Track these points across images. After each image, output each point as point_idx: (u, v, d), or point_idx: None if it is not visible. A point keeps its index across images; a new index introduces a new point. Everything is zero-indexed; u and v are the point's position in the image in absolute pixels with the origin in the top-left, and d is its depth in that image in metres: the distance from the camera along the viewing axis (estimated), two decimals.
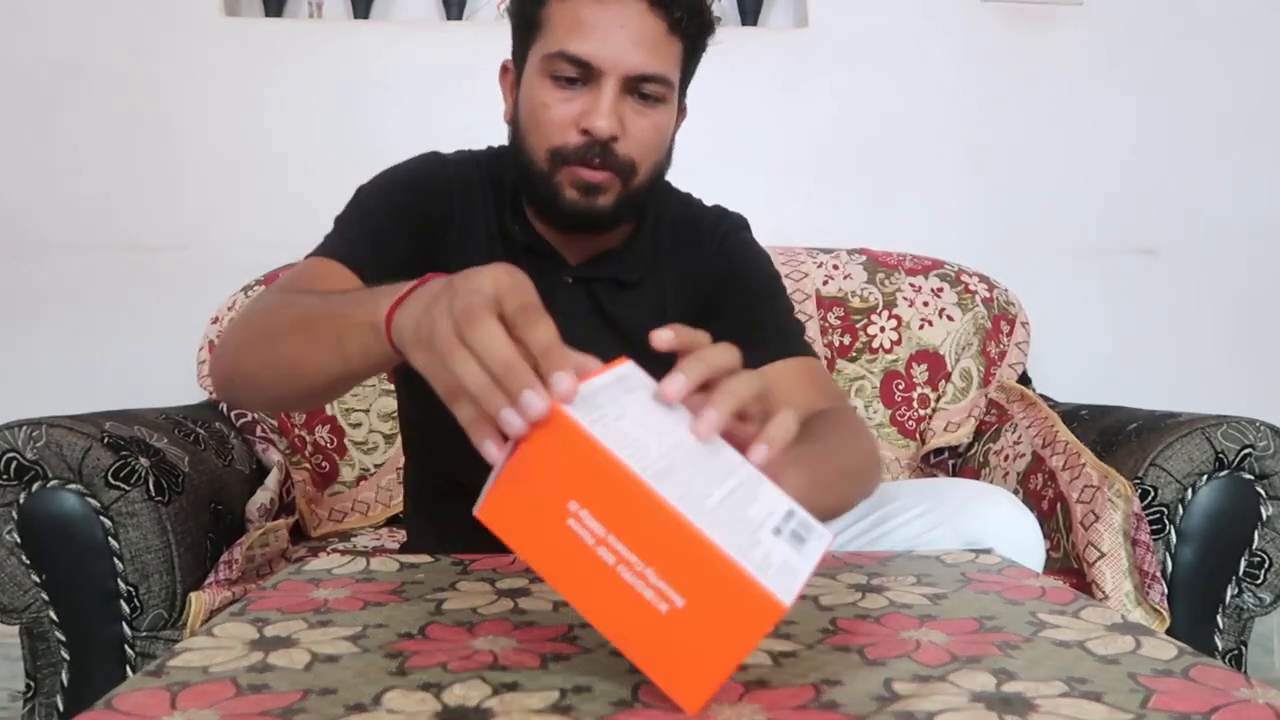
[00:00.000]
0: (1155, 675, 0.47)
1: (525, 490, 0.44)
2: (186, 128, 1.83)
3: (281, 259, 1.64)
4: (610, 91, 0.84)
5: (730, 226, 1.02)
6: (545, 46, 0.85)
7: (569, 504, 0.43)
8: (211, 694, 0.45)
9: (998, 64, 1.97)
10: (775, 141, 1.93)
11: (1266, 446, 1.18)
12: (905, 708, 0.43)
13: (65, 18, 1.81)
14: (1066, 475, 1.26)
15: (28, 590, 1.08)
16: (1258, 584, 1.20)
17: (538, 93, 0.86)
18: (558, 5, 0.85)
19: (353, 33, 1.87)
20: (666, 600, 0.43)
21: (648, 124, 0.87)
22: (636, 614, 0.43)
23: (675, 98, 0.90)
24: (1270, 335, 2.01)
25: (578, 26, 0.83)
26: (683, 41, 0.87)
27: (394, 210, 0.91)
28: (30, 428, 1.07)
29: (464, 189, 0.95)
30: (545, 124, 0.86)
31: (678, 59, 0.88)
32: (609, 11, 0.83)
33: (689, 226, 1.01)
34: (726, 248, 1.00)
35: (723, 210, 1.05)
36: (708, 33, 0.90)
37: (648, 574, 0.43)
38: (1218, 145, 2.00)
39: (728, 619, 0.42)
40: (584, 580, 0.43)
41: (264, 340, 0.73)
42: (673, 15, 0.84)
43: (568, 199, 0.87)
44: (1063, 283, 1.96)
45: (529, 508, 0.44)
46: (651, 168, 0.90)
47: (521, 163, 0.90)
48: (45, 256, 1.81)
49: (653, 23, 0.84)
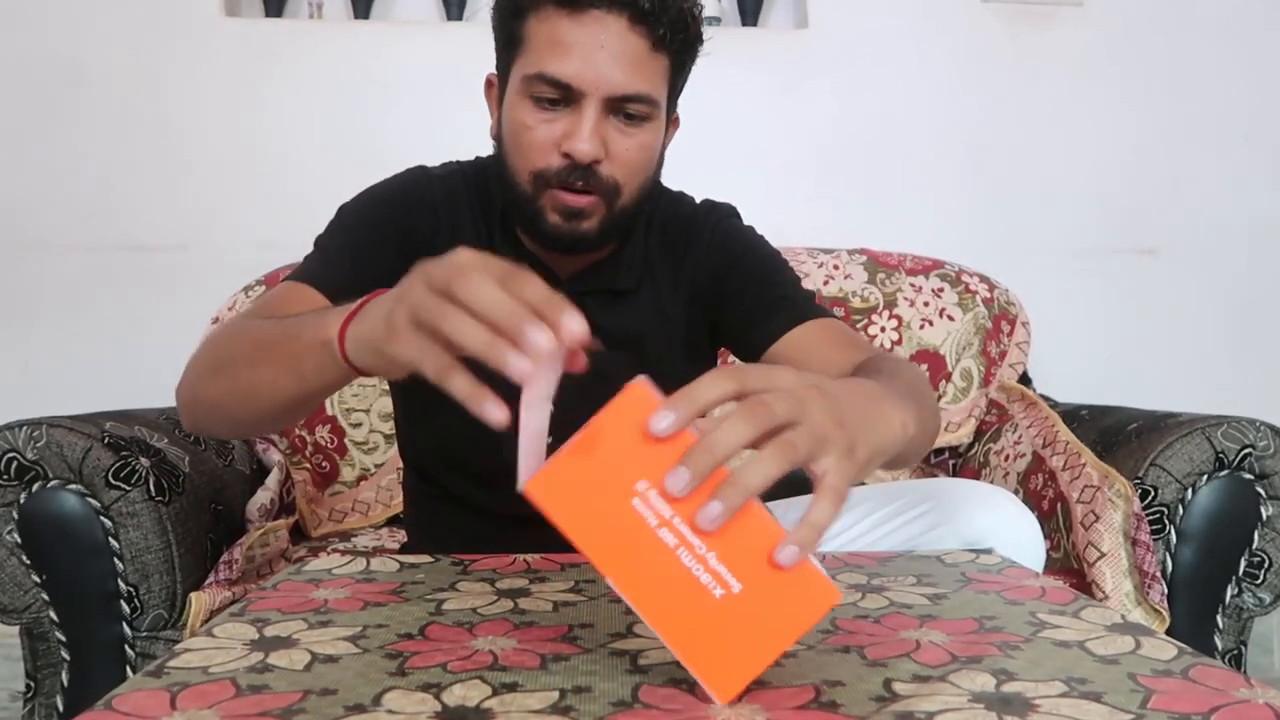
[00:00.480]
0: (1155, 675, 0.47)
1: (591, 467, 0.44)
2: (187, 128, 1.83)
3: (282, 259, 1.64)
4: (592, 113, 0.81)
5: (720, 216, 1.00)
6: (525, 66, 0.83)
7: (637, 484, 0.43)
8: (211, 694, 0.45)
9: (998, 64, 1.97)
10: (775, 142, 1.93)
11: (1267, 446, 1.18)
12: (905, 708, 0.43)
13: (65, 18, 1.81)
14: (1067, 475, 1.26)
15: (28, 590, 1.08)
16: (1257, 584, 1.20)
17: (519, 113, 0.84)
18: (537, 23, 0.82)
19: (353, 33, 1.88)
20: (723, 585, 0.43)
21: (632, 144, 0.84)
22: (689, 598, 0.43)
23: (662, 114, 0.87)
24: (1270, 335, 2.01)
25: (556, 46, 0.81)
26: (668, 57, 0.84)
27: (375, 227, 0.90)
28: (31, 428, 1.07)
29: (450, 204, 0.94)
30: (527, 146, 0.84)
31: (663, 75, 0.85)
32: (587, 30, 0.80)
33: (680, 226, 0.99)
34: (720, 237, 0.98)
35: (711, 203, 1.03)
36: (694, 46, 0.87)
37: (709, 558, 0.43)
38: (1217, 145, 2.00)
39: (783, 605, 0.43)
40: (638, 562, 0.44)
41: (222, 367, 0.73)
42: (655, 32, 0.81)
43: (550, 223, 0.85)
44: (1063, 283, 1.96)
45: (591, 484, 0.44)
46: (637, 189, 0.88)
47: (505, 182, 0.88)
48: (45, 256, 1.81)
49: (634, 41, 0.81)
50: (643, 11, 0.80)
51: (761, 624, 0.43)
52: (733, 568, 0.43)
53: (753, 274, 0.95)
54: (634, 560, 0.44)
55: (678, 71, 0.87)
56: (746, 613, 0.43)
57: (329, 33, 1.88)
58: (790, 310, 0.91)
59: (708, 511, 0.43)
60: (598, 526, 0.44)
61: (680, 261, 0.98)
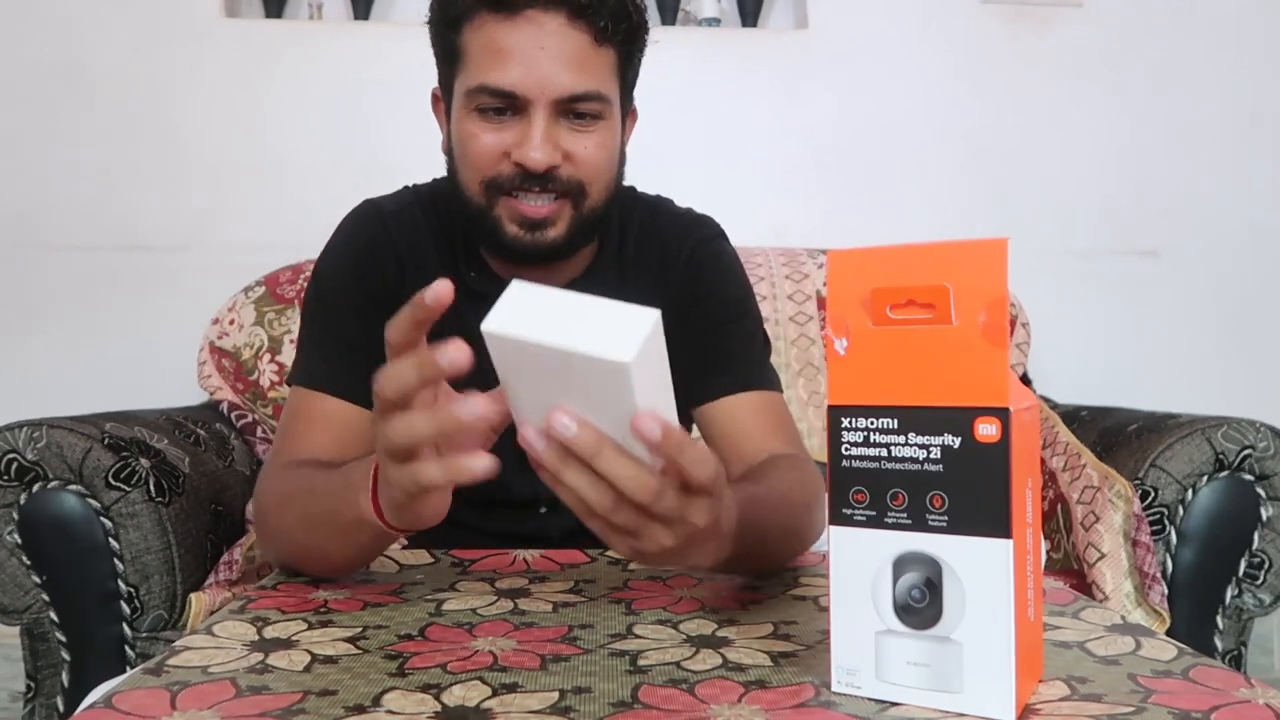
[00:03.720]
0: (1155, 676, 0.47)
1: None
2: (187, 129, 1.83)
3: (281, 259, 1.64)
4: (541, 120, 0.77)
5: (701, 236, 0.94)
6: (467, 80, 0.79)
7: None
8: (211, 695, 0.45)
9: (997, 65, 1.97)
10: (775, 142, 1.93)
11: (1267, 447, 1.18)
12: (905, 713, 0.43)
13: (67, 20, 1.81)
14: (1067, 476, 1.26)
15: (28, 591, 1.08)
16: (1258, 585, 1.20)
17: (465, 125, 0.80)
18: (472, 32, 0.78)
19: (353, 34, 1.88)
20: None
21: (590, 143, 0.80)
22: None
23: (616, 110, 0.82)
24: (1270, 336, 2.01)
25: (495, 54, 0.76)
26: (614, 49, 0.80)
27: (346, 300, 0.85)
28: (31, 429, 1.07)
29: (410, 242, 0.88)
30: (475, 155, 0.80)
31: (612, 69, 0.80)
32: (524, 33, 0.76)
33: (655, 238, 0.93)
34: (695, 261, 0.93)
35: (693, 217, 0.97)
36: (640, 34, 0.82)
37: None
38: (1217, 146, 2.00)
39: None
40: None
41: (286, 537, 0.72)
42: (596, 25, 0.77)
43: (510, 234, 0.81)
44: (1063, 283, 1.96)
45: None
46: (603, 188, 0.83)
47: (459, 196, 0.83)
48: (47, 258, 1.81)
49: (576, 37, 0.77)
50: (579, 6, 0.76)
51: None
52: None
53: (716, 319, 0.90)
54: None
55: (626, 63, 0.83)
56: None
57: (329, 33, 1.88)
58: (739, 374, 0.88)
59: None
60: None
61: (654, 280, 0.92)
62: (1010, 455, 0.41)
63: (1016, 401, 0.42)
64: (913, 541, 0.43)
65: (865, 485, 0.45)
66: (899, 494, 0.44)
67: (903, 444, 0.44)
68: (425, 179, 0.95)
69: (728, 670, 0.49)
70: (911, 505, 0.43)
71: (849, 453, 0.45)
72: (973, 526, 0.42)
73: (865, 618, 0.44)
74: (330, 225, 0.92)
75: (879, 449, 0.44)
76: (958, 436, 0.42)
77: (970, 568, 0.42)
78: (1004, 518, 0.41)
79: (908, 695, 0.43)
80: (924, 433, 0.43)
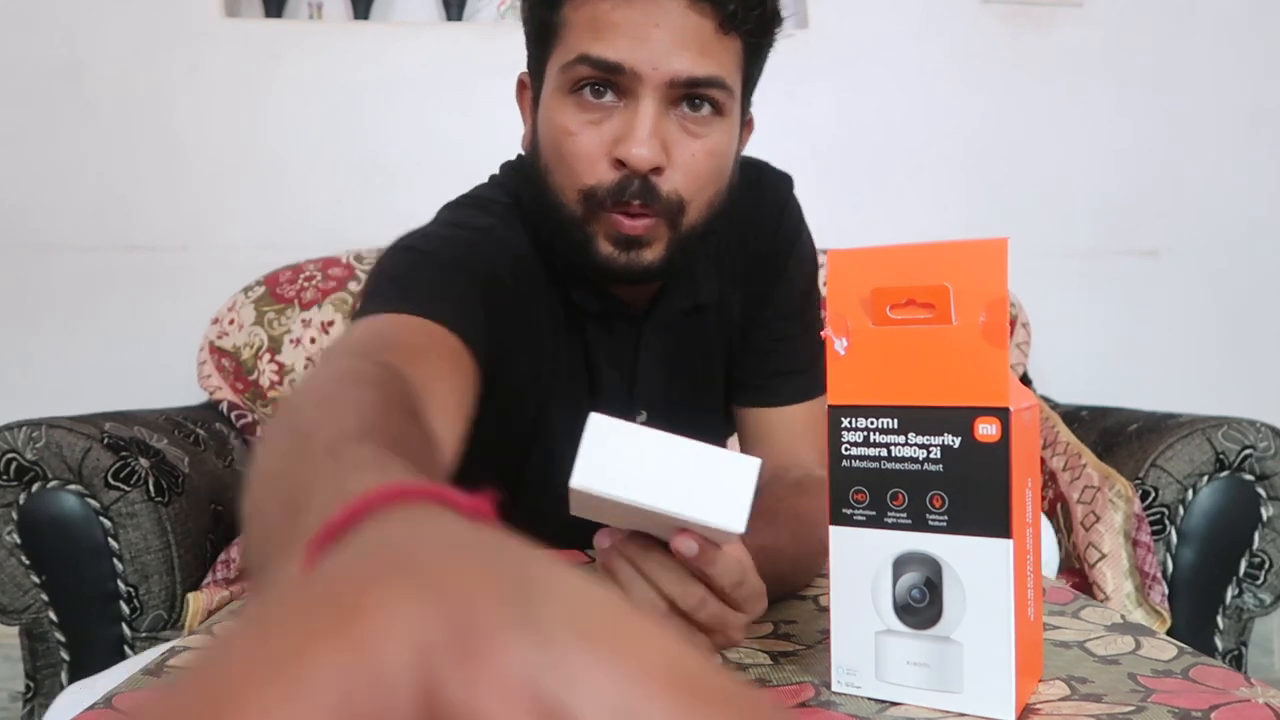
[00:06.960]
0: (1155, 675, 0.47)
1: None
2: (187, 129, 1.83)
3: (282, 260, 1.64)
4: (650, 106, 0.65)
5: (786, 186, 0.89)
6: (563, 55, 0.67)
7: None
8: None
9: (998, 65, 1.97)
10: (775, 142, 1.92)
11: (1267, 447, 1.18)
12: (905, 713, 0.43)
13: (66, 20, 1.81)
14: (1067, 476, 1.26)
15: (28, 591, 1.08)
16: (1258, 585, 1.20)
17: (559, 115, 0.68)
18: (574, 10, 0.66)
19: (353, 34, 1.87)
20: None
21: (699, 149, 0.68)
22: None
23: (737, 109, 0.71)
24: (1270, 336, 2.01)
25: (601, 27, 0.65)
26: (741, 40, 0.68)
27: (469, 274, 0.69)
28: (30, 428, 1.07)
29: (527, 273, 0.75)
30: (571, 157, 0.67)
31: (736, 62, 0.69)
32: (637, 9, 0.64)
33: (743, 199, 0.81)
34: (784, 232, 0.87)
35: (761, 167, 0.88)
36: (772, 26, 0.70)
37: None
38: (1217, 146, 2.00)
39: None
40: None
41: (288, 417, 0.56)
42: (725, 9, 0.65)
43: (604, 254, 0.68)
44: (1063, 283, 1.96)
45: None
46: (705, 205, 0.70)
47: (546, 203, 0.70)
48: (46, 257, 1.81)
49: (697, 20, 0.65)
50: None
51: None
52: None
53: (794, 305, 0.85)
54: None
55: (752, 58, 0.71)
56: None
57: (329, 34, 1.88)
58: (805, 384, 0.82)
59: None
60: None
61: (745, 256, 0.84)
62: (1010, 455, 0.41)
63: (1016, 401, 0.42)
64: (913, 541, 0.43)
65: (865, 485, 0.45)
66: (899, 494, 0.44)
67: (903, 444, 0.44)
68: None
69: (728, 669, 0.49)
70: (911, 505, 0.43)
71: (849, 453, 0.45)
72: (973, 526, 0.42)
73: (865, 617, 0.44)
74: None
75: (879, 449, 0.44)
76: (958, 436, 0.42)
77: (970, 568, 0.42)
78: (1004, 518, 0.41)
79: (908, 695, 0.43)
80: (924, 433, 0.43)
